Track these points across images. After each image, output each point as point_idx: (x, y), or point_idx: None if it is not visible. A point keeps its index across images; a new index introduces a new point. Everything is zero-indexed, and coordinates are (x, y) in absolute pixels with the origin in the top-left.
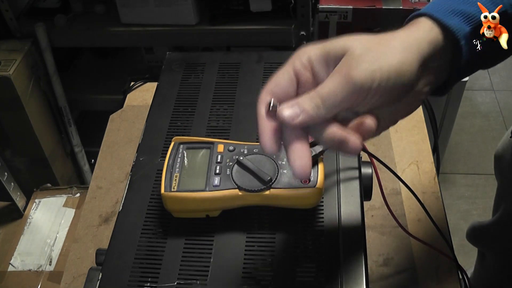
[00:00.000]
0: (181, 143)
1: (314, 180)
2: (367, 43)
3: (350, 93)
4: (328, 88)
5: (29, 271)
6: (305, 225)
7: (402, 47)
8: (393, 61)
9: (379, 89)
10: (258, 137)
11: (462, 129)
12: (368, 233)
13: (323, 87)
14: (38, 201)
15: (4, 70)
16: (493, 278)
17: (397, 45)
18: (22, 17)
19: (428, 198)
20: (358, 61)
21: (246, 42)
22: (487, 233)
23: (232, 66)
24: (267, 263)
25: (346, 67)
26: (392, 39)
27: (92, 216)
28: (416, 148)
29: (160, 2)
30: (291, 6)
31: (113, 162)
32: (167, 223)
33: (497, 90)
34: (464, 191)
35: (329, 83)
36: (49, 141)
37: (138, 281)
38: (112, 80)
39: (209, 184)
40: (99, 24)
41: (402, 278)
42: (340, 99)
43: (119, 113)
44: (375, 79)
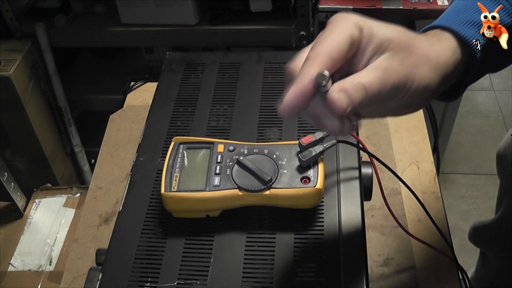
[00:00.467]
0: (181, 143)
1: (314, 180)
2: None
3: (386, 93)
4: (373, 83)
5: (29, 271)
6: (305, 225)
7: (433, 67)
8: (425, 77)
9: (405, 96)
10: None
11: (462, 129)
12: (368, 233)
13: (368, 78)
14: (38, 201)
15: (4, 70)
16: (495, 279)
17: (430, 63)
18: (22, 17)
19: (428, 198)
20: (401, 65)
21: (246, 42)
22: (489, 232)
23: (232, 66)
24: (267, 263)
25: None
26: (426, 52)
27: (92, 216)
28: (416, 148)
29: (160, 2)
30: (291, 6)
31: (113, 162)
32: (167, 223)
33: (497, 90)
34: (464, 191)
35: (373, 78)
36: (49, 141)
37: (138, 281)
38: (112, 80)
39: (209, 184)
40: (99, 24)
41: (402, 278)
42: (377, 96)
43: (119, 113)
44: (409, 88)
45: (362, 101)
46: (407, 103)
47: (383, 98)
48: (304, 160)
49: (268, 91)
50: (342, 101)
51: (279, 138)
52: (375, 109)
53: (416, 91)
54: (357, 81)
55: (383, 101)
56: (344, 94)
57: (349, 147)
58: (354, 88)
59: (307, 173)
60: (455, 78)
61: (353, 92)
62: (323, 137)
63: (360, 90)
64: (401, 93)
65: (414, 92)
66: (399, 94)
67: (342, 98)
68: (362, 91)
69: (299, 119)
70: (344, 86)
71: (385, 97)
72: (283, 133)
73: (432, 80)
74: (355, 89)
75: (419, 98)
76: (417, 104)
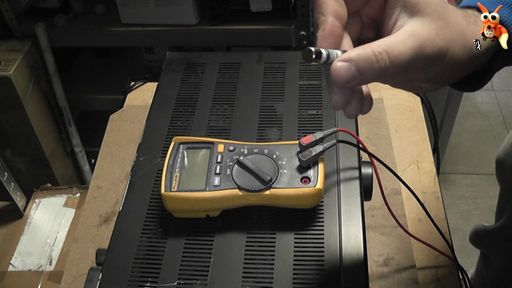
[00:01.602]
0: (181, 143)
1: (314, 180)
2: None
3: (418, 64)
4: (404, 52)
5: (29, 271)
6: (305, 225)
7: (466, 47)
8: (458, 55)
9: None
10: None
11: (462, 129)
12: (368, 233)
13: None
14: (38, 201)
15: (4, 70)
16: (498, 280)
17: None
18: (22, 17)
19: (428, 198)
20: (438, 36)
21: (246, 42)
22: (492, 238)
23: (232, 66)
24: (267, 263)
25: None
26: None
27: (92, 216)
28: (416, 148)
29: (160, 2)
30: (291, 6)
31: (113, 162)
32: (167, 223)
33: (497, 90)
34: (464, 191)
35: (406, 47)
36: (49, 141)
37: (138, 281)
38: (112, 80)
39: (209, 184)
40: (99, 24)
41: (402, 278)
42: (407, 65)
43: (119, 113)
44: (440, 62)
45: (386, 70)
46: (432, 78)
47: (412, 67)
48: (304, 160)
49: (268, 91)
50: (343, 72)
51: (279, 138)
52: (401, 78)
53: (445, 67)
54: (382, 48)
55: (411, 71)
56: (348, 65)
57: (349, 147)
58: (377, 56)
59: (307, 173)
60: (482, 62)
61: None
62: (323, 137)
63: (383, 58)
64: (432, 65)
65: (444, 68)
66: (430, 67)
67: (344, 68)
68: (384, 54)
69: (299, 119)
70: (351, 55)
71: (415, 67)
72: (283, 133)
73: (462, 59)
74: (377, 57)
75: (444, 75)
76: (440, 80)
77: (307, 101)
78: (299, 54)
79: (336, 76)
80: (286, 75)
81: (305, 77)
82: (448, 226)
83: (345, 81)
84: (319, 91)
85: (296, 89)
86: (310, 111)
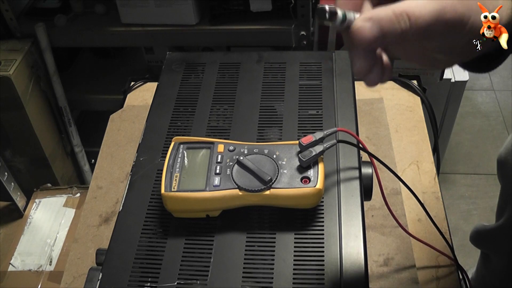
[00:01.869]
0: (181, 143)
1: (314, 180)
2: None
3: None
4: (425, 15)
5: (29, 271)
6: (305, 225)
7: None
8: (477, 25)
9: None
10: None
11: (462, 129)
12: (368, 233)
13: (420, 8)
14: (38, 201)
15: (4, 70)
16: (498, 280)
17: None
18: (22, 17)
19: (428, 198)
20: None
21: (246, 42)
22: (493, 237)
23: (232, 66)
24: (267, 263)
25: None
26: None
27: (92, 216)
28: (416, 148)
29: (160, 2)
30: (291, 6)
31: (113, 162)
32: (167, 223)
33: (497, 90)
34: (465, 191)
35: (426, 10)
36: (49, 141)
37: (138, 281)
38: (112, 80)
39: (209, 184)
40: (99, 24)
41: (402, 278)
42: (425, 31)
43: (119, 113)
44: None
45: (406, 32)
46: (449, 48)
47: (431, 33)
48: (304, 160)
49: (268, 91)
50: (368, 32)
51: (279, 138)
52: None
53: (465, 37)
54: (403, 9)
55: (430, 37)
56: (371, 24)
57: (349, 147)
58: (398, 17)
59: (307, 173)
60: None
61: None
62: (323, 137)
63: (404, 20)
64: (451, 32)
65: (462, 38)
66: (449, 34)
67: (367, 28)
68: (406, 22)
69: (299, 119)
70: (372, 14)
71: (434, 33)
72: (283, 133)
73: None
74: (398, 18)
75: (461, 47)
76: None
77: (307, 101)
78: (299, 54)
79: (360, 36)
80: (286, 75)
81: (305, 77)
82: (448, 226)
83: (370, 41)
84: (319, 91)
85: (296, 89)
86: (310, 111)
